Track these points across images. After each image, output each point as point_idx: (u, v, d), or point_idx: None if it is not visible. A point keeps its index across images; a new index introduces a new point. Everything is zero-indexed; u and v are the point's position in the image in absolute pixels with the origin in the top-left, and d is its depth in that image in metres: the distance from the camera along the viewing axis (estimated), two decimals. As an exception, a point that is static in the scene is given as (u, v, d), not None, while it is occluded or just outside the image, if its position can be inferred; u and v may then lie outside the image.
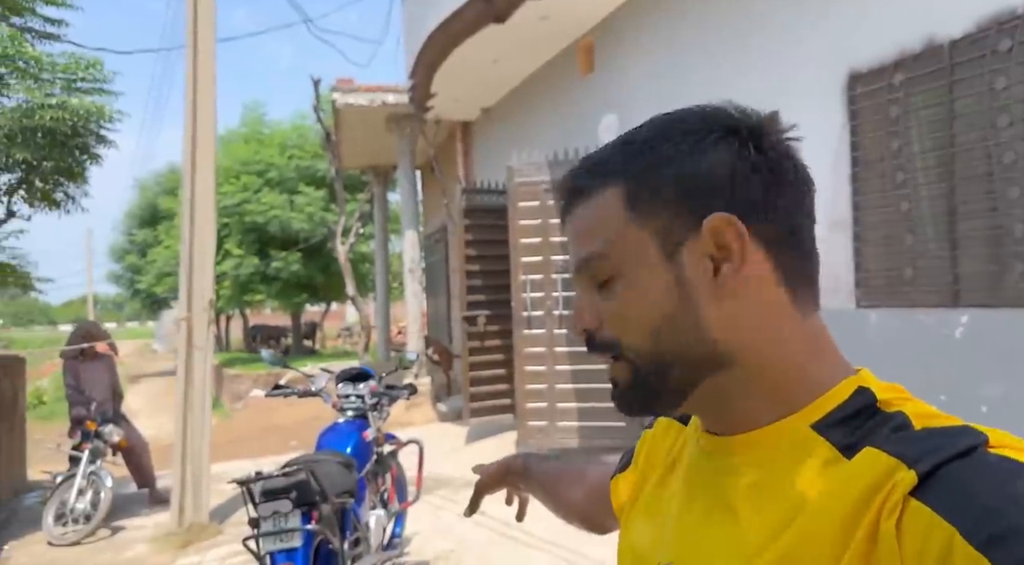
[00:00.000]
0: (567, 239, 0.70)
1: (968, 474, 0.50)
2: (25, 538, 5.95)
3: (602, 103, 6.48)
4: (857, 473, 0.55)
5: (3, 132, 5.58)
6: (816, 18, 4.14)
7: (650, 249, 0.64)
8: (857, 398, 0.62)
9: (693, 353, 0.64)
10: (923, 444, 0.54)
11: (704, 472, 0.69)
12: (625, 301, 0.65)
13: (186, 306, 5.64)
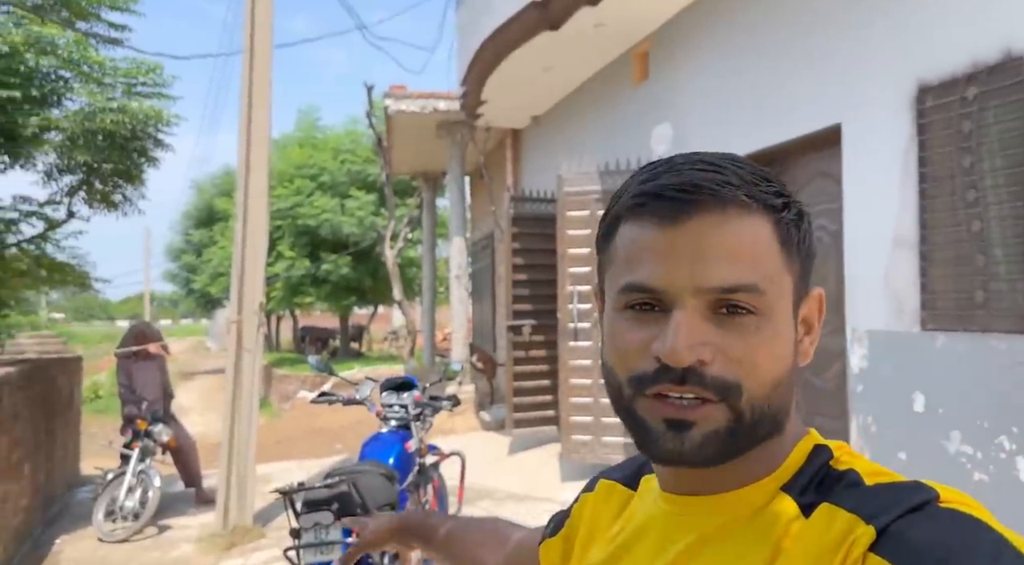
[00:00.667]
0: (688, 247, 0.59)
1: (922, 528, 0.52)
2: (76, 533, 6.07)
3: (655, 112, 6.37)
4: (817, 530, 0.57)
5: (66, 135, 5.73)
6: (884, 28, 3.98)
7: (787, 297, 0.62)
8: (814, 458, 0.64)
9: (784, 412, 0.63)
10: (878, 500, 0.56)
11: (670, 534, 0.66)
12: (761, 344, 0.59)
13: (237, 309, 5.70)
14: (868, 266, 4.09)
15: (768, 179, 0.62)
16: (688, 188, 0.59)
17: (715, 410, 0.59)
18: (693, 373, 0.58)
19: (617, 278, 0.62)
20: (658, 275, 0.59)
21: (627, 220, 0.62)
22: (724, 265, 0.58)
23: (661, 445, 0.60)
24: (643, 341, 0.60)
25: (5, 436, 5.25)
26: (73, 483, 7.77)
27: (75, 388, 8.14)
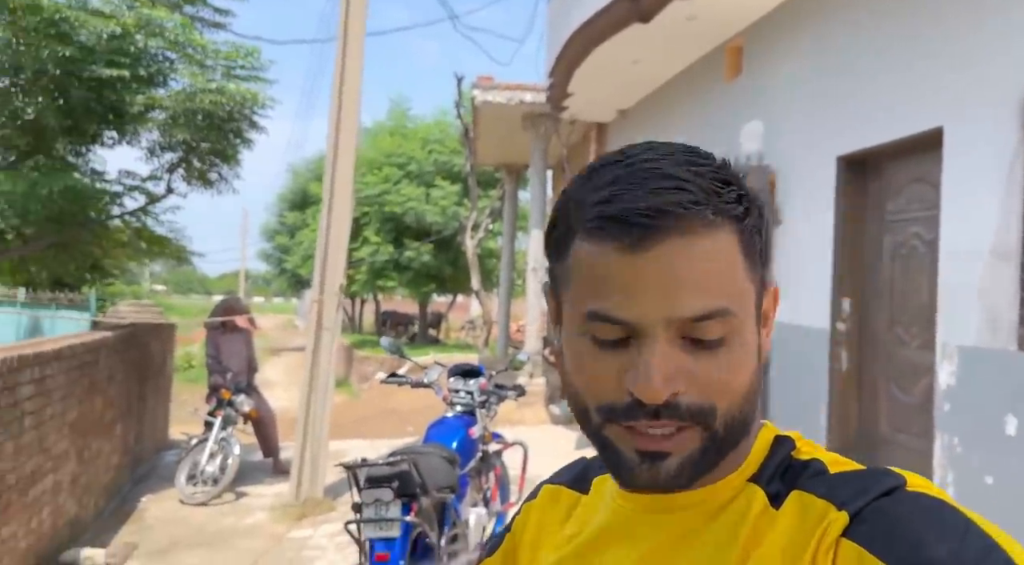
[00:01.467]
0: (655, 276, 0.55)
1: (893, 512, 0.53)
2: (160, 493, 6.40)
3: (746, 109, 6.20)
4: (791, 517, 0.58)
5: (168, 114, 6.03)
6: (995, 30, 3.74)
7: (751, 307, 0.60)
8: (778, 448, 0.64)
9: (753, 416, 0.62)
10: (848, 486, 0.57)
11: (638, 532, 0.64)
12: (731, 364, 0.58)
13: (319, 289, 5.87)
14: (963, 278, 3.87)
15: (729, 182, 0.59)
16: (651, 213, 0.55)
17: (690, 434, 0.57)
18: (668, 407, 0.56)
19: (579, 301, 0.59)
20: (626, 306, 0.56)
21: (588, 240, 0.58)
22: (694, 293, 0.56)
23: (636, 475, 0.58)
24: (612, 371, 0.57)
25: (100, 396, 5.58)
26: (162, 446, 8.18)
27: (168, 355, 8.57)
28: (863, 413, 4.94)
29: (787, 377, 5.48)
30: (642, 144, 0.63)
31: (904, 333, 4.60)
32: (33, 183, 5.58)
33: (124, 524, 5.56)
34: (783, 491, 0.60)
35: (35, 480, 4.22)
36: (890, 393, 4.73)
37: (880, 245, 4.84)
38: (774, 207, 5.65)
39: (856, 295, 4.97)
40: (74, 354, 4.80)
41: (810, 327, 5.19)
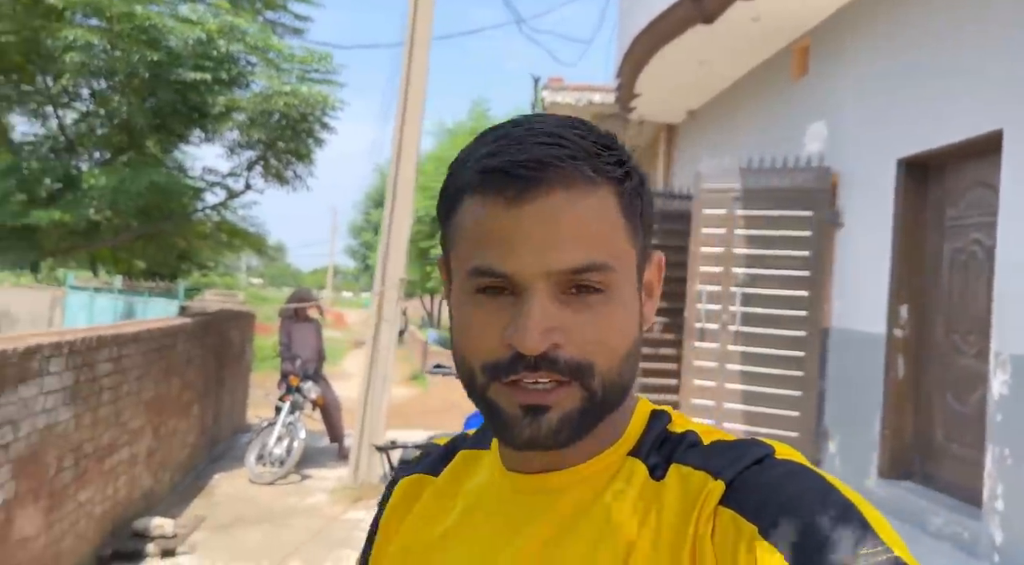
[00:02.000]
0: (536, 229, 0.56)
1: (763, 478, 0.56)
2: (232, 472, 6.80)
3: (812, 110, 6.09)
4: (672, 490, 0.59)
5: (247, 114, 6.40)
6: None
7: (631, 270, 0.61)
8: (655, 422, 0.66)
9: (631, 382, 0.62)
10: (722, 456, 0.59)
11: (523, 513, 0.64)
12: (611, 322, 0.59)
13: (380, 281, 6.12)
14: (1019, 286, 3.75)
15: (610, 146, 0.61)
16: (533, 165, 0.56)
17: (569, 391, 0.58)
18: (546, 359, 0.57)
19: (464, 259, 0.60)
20: (507, 259, 0.57)
21: (472, 196, 0.59)
22: (573, 246, 0.57)
23: (518, 431, 0.58)
24: (494, 328, 0.58)
25: (177, 378, 5.99)
26: (239, 429, 8.65)
27: (247, 342, 9.05)
28: (918, 422, 4.81)
29: (842, 383, 5.37)
30: (530, 114, 0.64)
31: (961, 341, 4.46)
32: (123, 178, 6.04)
33: (195, 498, 5.95)
34: (661, 463, 0.61)
35: (111, 451, 4.59)
36: (945, 402, 4.59)
37: (940, 251, 4.70)
38: (835, 209, 5.55)
39: (914, 301, 4.84)
40: (151, 337, 5.18)
41: (867, 332, 5.08)
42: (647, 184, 0.64)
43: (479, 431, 0.76)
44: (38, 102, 6.93)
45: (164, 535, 4.77)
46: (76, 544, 4.13)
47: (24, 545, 3.46)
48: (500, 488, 0.66)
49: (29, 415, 3.43)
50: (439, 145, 20.70)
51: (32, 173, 6.12)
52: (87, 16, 6.03)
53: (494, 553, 0.63)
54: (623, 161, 0.61)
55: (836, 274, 5.56)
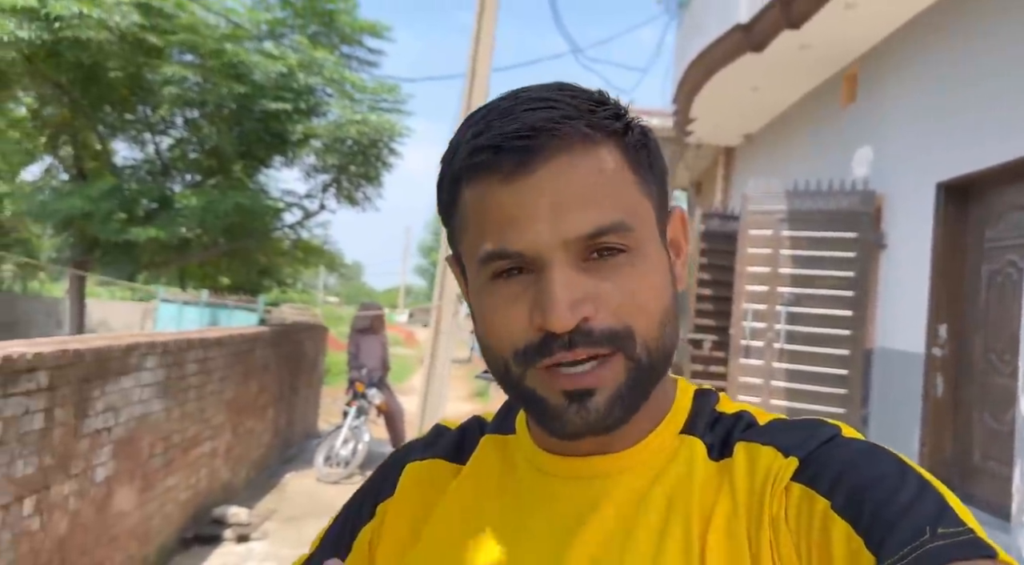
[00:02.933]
0: (542, 200, 0.53)
1: (836, 456, 0.54)
2: (302, 472, 7.29)
3: (860, 135, 6.25)
4: (741, 469, 0.56)
5: (322, 141, 6.97)
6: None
7: (652, 225, 0.58)
8: (701, 402, 0.63)
9: (674, 346, 0.59)
10: (791, 435, 0.57)
11: (575, 500, 0.59)
12: (641, 281, 0.55)
13: (439, 296, 6.54)
14: (1047, 305, 3.86)
15: (603, 102, 0.57)
16: (526, 133, 0.53)
17: (613, 365, 0.54)
18: (580, 333, 0.53)
19: (474, 248, 0.56)
20: (517, 236, 0.53)
21: (468, 181, 0.56)
22: (585, 210, 0.53)
23: (566, 420, 0.55)
24: (519, 311, 0.54)
25: (255, 382, 6.52)
26: (311, 434, 9.19)
27: (320, 354, 9.62)
28: (956, 440, 4.89)
29: (885, 401, 5.48)
30: (516, 87, 0.60)
31: (997, 360, 4.55)
32: (212, 199, 6.67)
33: (268, 493, 6.44)
34: (718, 443, 0.59)
35: (195, 443, 5.10)
36: (983, 420, 4.67)
37: (978, 272, 4.81)
38: (879, 231, 5.69)
39: (953, 321, 4.94)
40: (233, 342, 5.72)
41: (906, 351, 5.19)
42: (651, 135, 0.60)
43: (499, 414, 0.71)
44: (138, 129, 7.68)
45: (240, 522, 5.25)
46: (163, 525, 4.63)
47: (120, 519, 3.96)
48: (543, 473, 0.62)
49: (127, 404, 3.93)
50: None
51: (131, 193, 6.81)
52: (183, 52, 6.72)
53: (560, 549, 0.58)
54: (619, 114, 0.57)
55: (880, 294, 5.68)
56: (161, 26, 6.25)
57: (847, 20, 5.73)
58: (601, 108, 0.56)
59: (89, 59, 6.01)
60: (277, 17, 7.15)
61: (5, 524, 2.89)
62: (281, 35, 7.18)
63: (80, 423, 3.44)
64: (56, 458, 3.24)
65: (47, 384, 3.11)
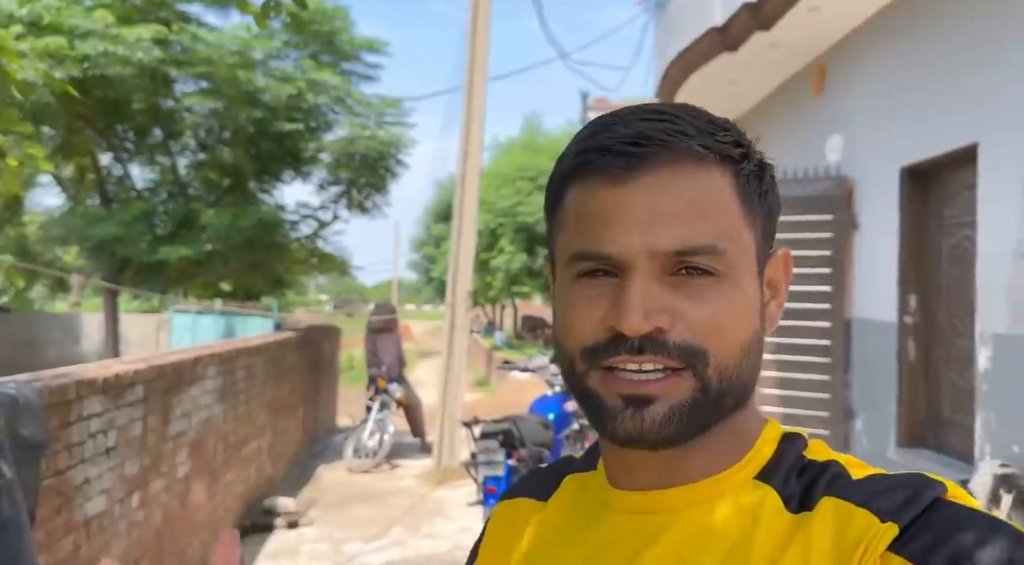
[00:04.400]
0: (640, 207, 0.53)
1: (943, 526, 0.49)
2: (332, 465, 7.83)
3: (829, 123, 6.79)
4: (824, 526, 0.52)
5: (333, 156, 7.47)
6: (1008, 56, 4.31)
7: (751, 256, 0.57)
8: (788, 446, 0.59)
9: (751, 383, 0.57)
10: (890, 495, 0.52)
11: (634, 535, 0.58)
12: (725, 306, 0.54)
13: (451, 293, 7.06)
14: (995, 275, 4.43)
15: (725, 128, 0.57)
16: (638, 140, 0.53)
17: (679, 380, 0.53)
18: (652, 341, 0.52)
19: (566, 246, 0.57)
20: (608, 239, 0.54)
21: (574, 181, 0.57)
22: (679, 225, 0.53)
23: (619, 423, 0.53)
24: (595, 310, 0.54)
25: (287, 384, 7.04)
26: (332, 431, 9.73)
27: (335, 353, 10.14)
28: (929, 397, 5.48)
29: (864, 366, 6.06)
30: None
31: (959, 324, 5.13)
32: (234, 216, 7.16)
33: (305, 485, 6.98)
34: (799, 493, 0.55)
35: (246, 443, 5.63)
36: (950, 378, 5.25)
37: (940, 246, 5.38)
38: (852, 213, 6.25)
39: (920, 291, 5.52)
40: (269, 349, 6.23)
41: (881, 320, 5.77)
42: (769, 170, 0.60)
43: (587, 452, 0.71)
44: (154, 153, 8.14)
45: (289, 511, 5.78)
46: (225, 515, 5.16)
47: (197, 509, 4.49)
48: (606, 509, 0.61)
49: (197, 410, 4.45)
50: (493, 160, 21.71)
51: (161, 216, 7.29)
52: (197, 80, 7.19)
53: None
54: (739, 143, 0.57)
55: (855, 270, 6.25)
56: (179, 58, 6.71)
57: (812, 20, 6.25)
58: (721, 132, 0.56)
59: (113, 93, 6.46)
60: (282, 39, 7.60)
61: (121, 515, 3.41)
62: (286, 57, 7.64)
63: (166, 428, 3.96)
64: (151, 459, 3.77)
65: (143, 396, 3.63)
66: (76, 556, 2.90)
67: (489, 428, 4.05)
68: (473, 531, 5.44)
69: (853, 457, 0.58)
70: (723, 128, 0.57)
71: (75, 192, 7.83)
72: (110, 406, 3.23)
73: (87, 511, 3.03)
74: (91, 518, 3.06)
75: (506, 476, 3.99)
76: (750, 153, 0.58)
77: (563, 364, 0.58)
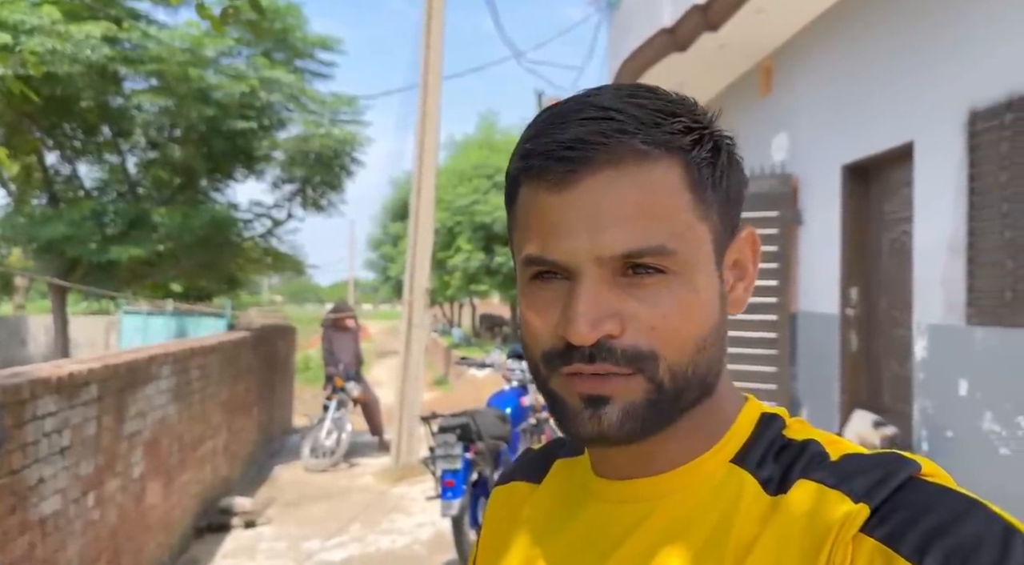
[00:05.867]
0: (582, 212, 0.53)
1: (916, 506, 0.49)
2: (288, 464, 7.79)
3: (776, 123, 7.00)
4: (798, 509, 0.52)
5: (287, 154, 7.43)
6: (940, 58, 4.53)
7: (706, 249, 0.56)
8: (765, 427, 0.59)
9: (712, 374, 0.57)
10: (863, 475, 0.51)
11: (614, 525, 0.59)
12: (676, 306, 0.53)
13: (409, 291, 7.09)
14: (930, 268, 4.65)
15: (675, 114, 0.55)
16: (573, 145, 0.52)
17: (630, 383, 0.53)
18: (601, 348, 0.52)
19: (520, 247, 0.57)
20: (553, 246, 0.53)
21: (523, 182, 0.56)
22: (623, 229, 0.52)
23: (579, 423, 0.54)
24: (550, 316, 0.55)
25: (242, 383, 6.99)
26: (287, 431, 9.67)
27: (290, 353, 10.07)
28: (870, 387, 5.71)
29: (809, 357, 6.28)
30: (595, 87, 0.58)
31: (898, 316, 5.36)
32: (185, 215, 7.08)
33: (262, 485, 6.94)
34: (777, 475, 0.55)
35: (201, 442, 5.59)
36: (890, 368, 5.48)
37: (880, 241, 5.60)
38: (797, 209, 6.46)
39: (861, 284, 5.74)
40: (224, 348, 6.19)
41: (825, 313, 5.98)
42: (727, 150, 0.58)
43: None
44: (102, 152, 8.00)
45: (245, 511, 5.76)
46: (181, 516, 5.13)
47: (151, 510, 4.46)
48: (589, 497, 0.62)
49: (151, 409, 4.43)
50: (450, 158, 21.71)
51: (110, 214, 7.17)
52: (148, 78, 7.09)
53: None
54: (691, 128, 0.55)
55: (800, 265, 6.47)
56: (129, 56, 6.62)
57: (758, 22, 6.45)
58: (670, 121, 0.54)
59: (61, 91, 6.34)
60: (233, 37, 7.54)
61: (76, 515, 3.39)
62: (238, 54, 7.58)
63: (120, 428, 3.94)
64: (106, 459, 3.74)
65: (97, 395, 3.60)
66: (31, 555, 2.89)
67: (447, 422, 4.11)
68: (431, 525, 5.50)
69: (834, 435, 0.58)
70: (672, 114, 0.54)
71: (20, 191, 7.67)
72: (64, 405, 3.22)
73: (42, 510, 3.01)
74: (46, 517, 3.05)
75: (464, 469, 4.06)
76: (702, 138, 0.55)
77: (530, 364, 0.58)
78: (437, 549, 5.03)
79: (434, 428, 4.14)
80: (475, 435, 4.11)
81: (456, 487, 4.00)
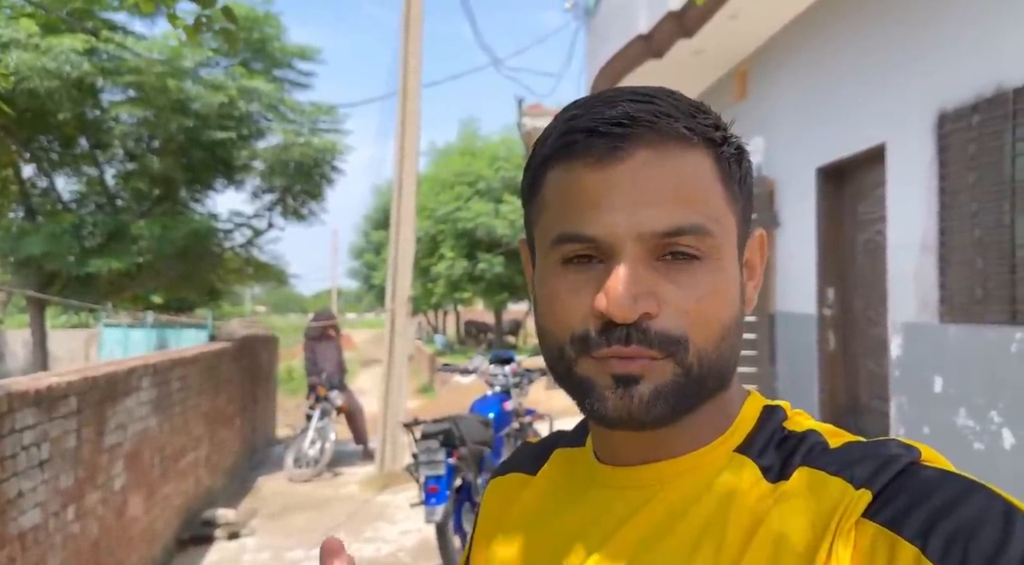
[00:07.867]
0: (627, 188, 0.53)
1: (917, 490, 0.49)
2: (272, 475, 7.76)
3: (752, 127, 7.08)
4: (799, 496, 0.53)
5: (267, 164, 7.43)
6: (910, 62, 4.62)
7: (733, 240, 0.57)
8: (767, 418, 0.60)
9: (731, 365, 0.58)
10: (863, 463, 0.52)
11: (616, 508, 0.59)
12: (709, 291, 0.54)
13: (391, 299, 7.10)
14: (903, 267, 4.73)
15: (705, 111, 0.57)
16: (624, 121, 0.53)
17: (661, 366, 0.54)
18: (638, 330, 0.53)
19: (549, 229, 0.56)
20: (595, 221, 0.53)
21: (557, 162, 0.56)
22: (667, 206, 0.53)
23: (608, 403, 0.54)
24: (583, 297, 0.54)
25: (224, 394, 6.96)
26: (270, 441, 9.62)
27: (273, 363, 10.03)
28: (848, 386, 5.78)
29: (789, 357, 6.35)
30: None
31: (874, 315, 5.44)
32: (165, 226, 7.05)
33: (245, 496, 6.91)
34: (778, 464, 0.56)
35: (183, 454, 5.56)
36: (867, 366, 5.56)
37: (854, 241, 5.69)
38: (774, 211, 6.54)
39: (838, 284, 5.82)
40: (205, 359, 6.16)
41: (803, 313, 6.06)
42: (746, 154, 0.60)
43: (576, 428, 0.71)
44: (79, 164, 7.95)
45: (229, 522, 5.73)
46: (163, 528, 5.10)
47: (134, 522, 4.43)
48: (592, 483, 0.63)
49: (132, 421, 4.41)
50: (431, 166, 21.73)
51: (89, 227, 7.12)
52: (125, 89, 7.06)
53: (586, 552, 0.59)
54: (719, 126, 0.58)
55: (778, 266, 6.54)
56: (106, 67, 6.59)
57: (732, 28, 6.54)
58: (702, 115, 0.56)
59: (38, 104, 6.31)
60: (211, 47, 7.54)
61: (57, 528, 3.37)
62: (216, 64, 7.57)
63: (101, 440, 3.92)
64: (87, 471, 3.73)
65: (76, 408, 3.59)
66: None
67: (430, 428, 4.12)
68: (416, 533, 5.50)
69: (833, 426, 0.59)
70: (703, 111, 0.57)
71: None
72: (43, 418, 3.20)
73: (21, 524, 3.00)
74: (26, 531, 3.03)
75: (447, 475, 4.07)
76: (729, 137, 0.58)
77: (550, 350, 0.58)
78: (422, 556, 5.04)
79: (417, 435, 4.15)
80: (458, 440, 4.13)
81: (439, 493, 4.01)
